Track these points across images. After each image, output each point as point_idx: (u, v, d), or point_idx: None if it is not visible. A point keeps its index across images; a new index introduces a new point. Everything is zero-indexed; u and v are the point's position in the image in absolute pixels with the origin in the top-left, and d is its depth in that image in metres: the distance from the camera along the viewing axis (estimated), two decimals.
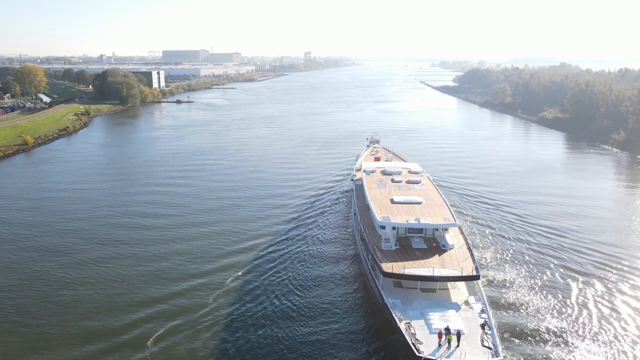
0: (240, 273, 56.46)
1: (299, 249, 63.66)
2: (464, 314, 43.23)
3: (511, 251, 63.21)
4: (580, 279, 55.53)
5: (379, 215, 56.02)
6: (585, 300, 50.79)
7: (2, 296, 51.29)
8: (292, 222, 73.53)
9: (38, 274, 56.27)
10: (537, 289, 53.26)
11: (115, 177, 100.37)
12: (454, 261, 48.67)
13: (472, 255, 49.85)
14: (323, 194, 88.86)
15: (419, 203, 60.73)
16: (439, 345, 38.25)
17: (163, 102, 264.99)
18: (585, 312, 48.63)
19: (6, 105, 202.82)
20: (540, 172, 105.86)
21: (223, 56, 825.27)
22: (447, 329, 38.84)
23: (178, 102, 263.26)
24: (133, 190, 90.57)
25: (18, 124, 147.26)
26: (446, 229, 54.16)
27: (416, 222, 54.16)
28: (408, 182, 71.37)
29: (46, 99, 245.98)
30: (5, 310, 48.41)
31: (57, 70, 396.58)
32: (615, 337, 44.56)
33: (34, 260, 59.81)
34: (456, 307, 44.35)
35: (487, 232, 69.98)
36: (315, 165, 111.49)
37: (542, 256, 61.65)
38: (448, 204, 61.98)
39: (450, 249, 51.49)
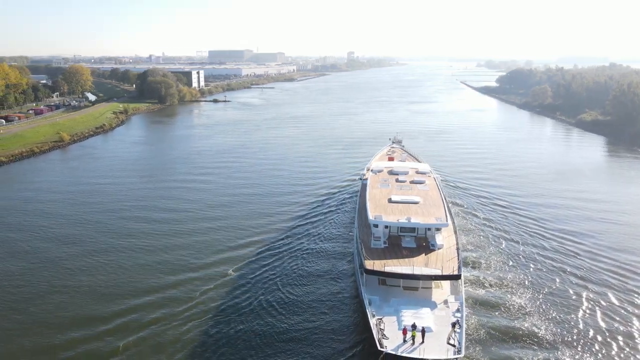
0: (237, 267, 57.73)
1: (299, 246, 64.36)
2: (439, 312, 43.44)
3: (514, 254, 61.81)
4: (582, 287, 53.48)
5: (372, 213, 56.29)
6: (578, 311, 48.92)
7: (9, 280, 54.52)
8: (297, 220, 74.37)
9: (46, 261, 59.51)
10: (527, 293, 52.15)
11: (137, 174, 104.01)
12: (438, 260, 48.70)
13: (458, 255, 49.68)
14: (335, 193, 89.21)
15: (416, 203, 60.49)
16: (404, 341, 38.74)
17: (201, 101, 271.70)
18: (573, 321, 47.03)
19: (52, 104, 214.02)
20: (567, 176, 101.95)
21: (267, 56, 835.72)
22: (413, 326, 39.29)
23: (215, 101, 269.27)
24: (151, 186, 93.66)
25: (58, 122, 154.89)
26: (438, 229, 53.88)
27: (407, 221, 54.17)
28: (412, 182, 71.17)
29: (92, 98, 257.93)
30: (9, 294, 51.48)
31: (105, 70, 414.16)
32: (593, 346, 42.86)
33: (46, 248, 63.28)
34: (433, 305, 44.58)
35: (494, 233, 68.73)
36: (334, 166, 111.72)
37: (546, 261, 59.96)
38: (446, 204, 61.42)
39: (439, 248, 51.47)
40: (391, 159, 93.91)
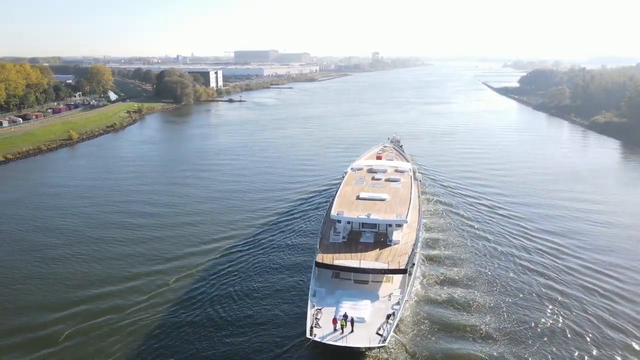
0: (206, 260, 59.89)
1: (272, 241, 66.13)
2: (379, 304, 44.64)
3: (485, 254, 61.66)
4: (546, 287, 52.71)
5: (335, 209, 57.64)
6: (531, 311, 48.58)
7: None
8: (277, 216, 76.13)
9: (32, 248, 63.68)
10: (483, 291, 52.21)
11: (131, 173, 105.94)
12: (390, 256, 49.74)
13: (412, 251, 50.59)
14: (323, 191, 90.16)
15: (383, 200, 61.62)
16: (334, 330, 40.11)
17: (216, 100, 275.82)
18: (521, 321, 46.85)
19: (71, 103, 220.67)
20: (564, 180, 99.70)
21: (292, 56, 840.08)
22: (345, 316, 40.79)
23: (230, 101, 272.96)
24: (142, 184, 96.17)
25: (70, 120, 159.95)
26: (399, 225, 55.01)
27: (366, 217, 55.41)
28: (387, 180, 72.17)
29: (113, 97, 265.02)
30: None
31: (129, 70, 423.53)
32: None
33: (26, 238, 66.54)
34: (375, 298, 45.84)
35: (472, 232, 69.29)
36: (329, 165, 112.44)
37: (517, 262, 59.54)
38: (414, 202, 62.28)
39: (395, 244, 52.58)
40: (379, 157, 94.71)
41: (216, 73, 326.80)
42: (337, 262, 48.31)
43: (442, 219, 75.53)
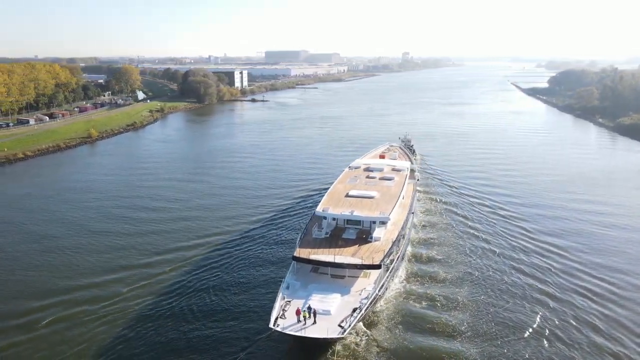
0: (202, 252, 62.52)
1: (264, 236, 68.24)
2: (349, 298, 45.33)
3: (475, 255, 61.16)
4: (534, 302, 50.18)
5: (320, 206, 58.82)
6: (508, 322, 47.33)
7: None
8: (274, 213, 77.92)
9: (33, 240, 66.91)
10: (466, 294, 51.69)
11: (140, 170, 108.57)
12: (367, 252, 50.32)
13: (390, 248, 50.93)
14: (324, 189, 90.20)
15: (371, 198, 62.30)
16: (298, 321, 41.14)
17: (239, 100, 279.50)
18: (494, 322, 46.46)
19: (98, 102, 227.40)
20: (572, 182, 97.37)
21: (322, 56, 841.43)
22: (309, 308, 41.81)
23: (253, 100, 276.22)
24: (144, 182, 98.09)
25: (93, 119, 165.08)
26: (383, 222, 55.76)
27: (349, 214, 56.33)
28: (382, 178, 72.83)
29: (141, 96, 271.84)
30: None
31: (159, 70, 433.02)
32: None
33: (36, 231, 69.80)
34: (346, 292, 46.59)
35: (466, 231, 69.14)
36: (336, 165, 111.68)
37: (506, 264, 58.66)
38: (400, 201, 62.58)
39: (376, 241, 53.13)
40: (382, 156, 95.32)
41: (241, 73, 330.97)
42: (313, 257, 49.19)
43: (439, 218, 75.74)
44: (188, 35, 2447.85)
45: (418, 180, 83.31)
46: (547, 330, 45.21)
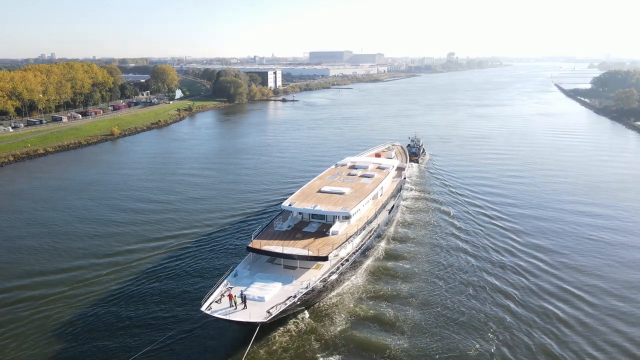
0: (182, 241, 65.79)
1: (246, 228, 70.84)
2: (289, 287, 46.90)
3: (449, 265, 59.53)
4: (491, 320, 47.46)
5: (287, 201, 60.97)
6: (451, 330, 47.47)
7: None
8: (258, 209, 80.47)
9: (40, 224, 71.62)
10: (422, 297, 51.91)
11: (142, 169, 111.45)
12: (319, 244, 51.95)
13: (343, 242, 52.47)
14: None
15: (342, 194, 63.98)
16: (230, 305, 43.13)
17: (270, 100, 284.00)
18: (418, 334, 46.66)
19: (132, 101, 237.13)
20: (579, 190, 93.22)
21: (366, 57, 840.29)
22: (241, 294, 43.69)
23: (283, 100, 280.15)
24: (146, 179, 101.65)
25: (119, 117, 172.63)
26: (347, 217, 57.40)
27: (312, 208, 58.12)
28: (362, 175, 74.55)
29: (179, 95, 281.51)
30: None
31: (200, 70, 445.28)
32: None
33: (44, 217, 74.93)
34: (289, 281, 48.13)
35: (447, 231, 69.91)
36: None
37: (477, 284, 54.76)
38: (369, 198, 63.95)
39: (333, 234, 54.76)
40: (378, 155, 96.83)
41: (274, 73, 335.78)
42: (265, 248, 51.02)
43: (424, 216, 76.74)
44: (238, 36, 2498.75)
45: (404, 178, 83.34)
46: (492, 350, 44.94)
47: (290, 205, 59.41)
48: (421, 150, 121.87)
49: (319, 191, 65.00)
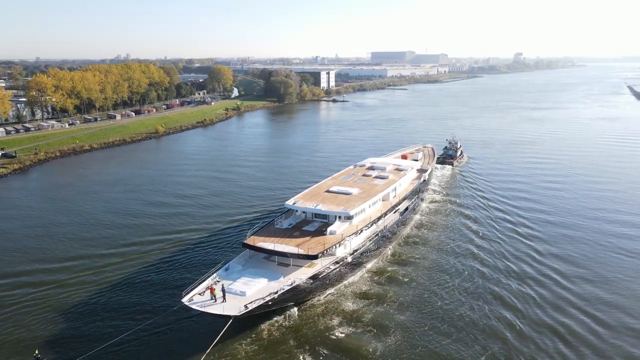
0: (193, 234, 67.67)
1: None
2: (274, 284, 47.55)
3: (456, 275, 57.60)
4: (489, 335, 45.87)
5: (291, 200, 61.89)
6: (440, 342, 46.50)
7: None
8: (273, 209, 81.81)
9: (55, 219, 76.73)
10: (415, 305, 51.09)
11: (174, 166, 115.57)
12: (314, 243, 52.43)
13: (338, 242, 52.80)
14: None
15: (349, 194, 64.31)
16: (211, 298, 44.62)
17: (320, 100, 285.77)
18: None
19: (186, 100, 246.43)
20: (620, 199, 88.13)
21: (428, 57, 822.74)
22: (222, 287, 45.10)
23: (334, 101, 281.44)
24: (172, 180, 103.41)
25: (167, 115, 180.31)
26: (348, 217, 57.64)
27: (313, 207, 58.77)
28: (376, 177, 74.46)
29: (235, 94, 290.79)
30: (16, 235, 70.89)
31: (257, 70, 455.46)
32: None
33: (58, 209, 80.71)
34: (276, 278, 48.73)
35: (467, 243, 66.97)
36: None
37: (484, 297, 52.56)
38: (376, 199, 64.00)
39: (331, 234, 55.15)
40: (404, 156, 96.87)
41: (327, 73, 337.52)
42: (259, 245, 51.90)
43: (443, 220, 75.36)
44: (301, 37, 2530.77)
45: (424, 180, 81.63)
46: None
47: (294, 203, 60.14)
48: (458, 153, 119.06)
49: (327, 191, 65.46)
